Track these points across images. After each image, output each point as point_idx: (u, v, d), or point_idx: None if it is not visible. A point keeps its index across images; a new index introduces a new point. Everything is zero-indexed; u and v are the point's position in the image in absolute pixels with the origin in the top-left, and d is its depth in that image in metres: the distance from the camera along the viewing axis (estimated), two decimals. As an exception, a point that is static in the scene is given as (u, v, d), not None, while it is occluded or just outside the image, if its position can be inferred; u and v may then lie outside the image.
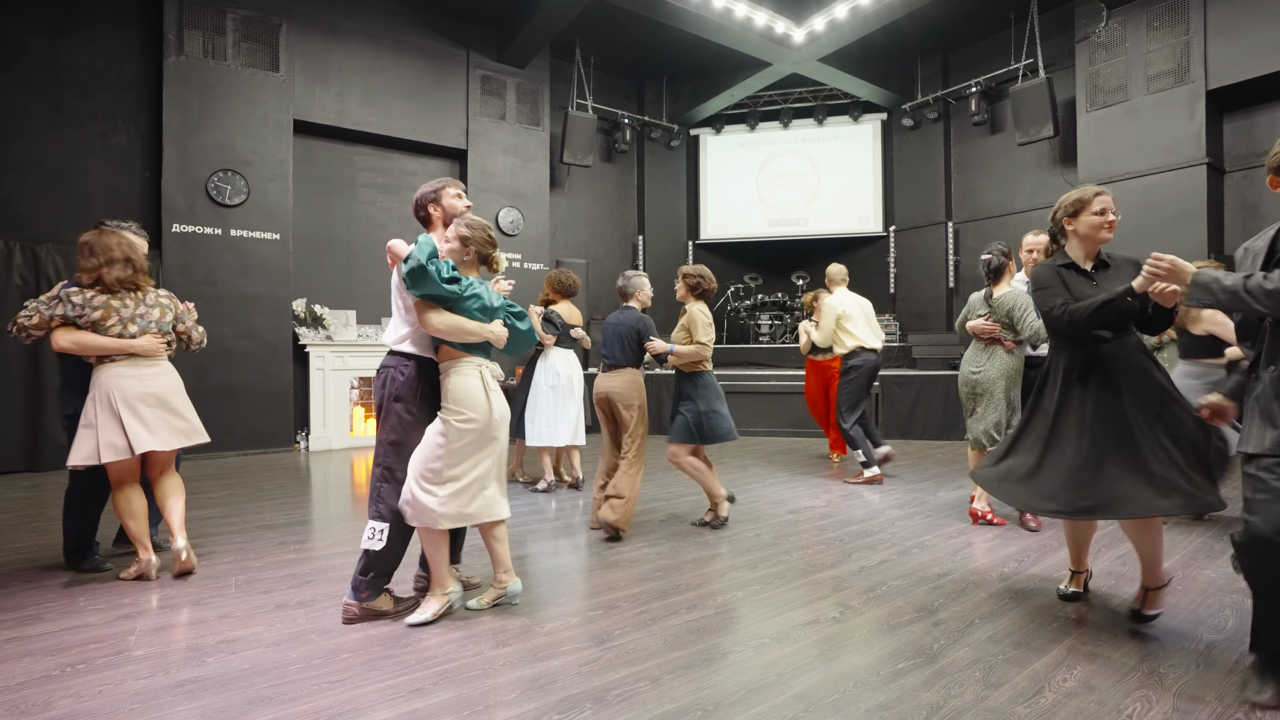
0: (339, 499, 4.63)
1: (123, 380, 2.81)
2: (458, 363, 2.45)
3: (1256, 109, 6.49)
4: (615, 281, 3.95)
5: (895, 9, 7.11)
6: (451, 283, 2.35)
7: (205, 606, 2.60)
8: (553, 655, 2.17)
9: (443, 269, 2.34)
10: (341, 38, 7.09)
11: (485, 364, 2.50)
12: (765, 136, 10.36)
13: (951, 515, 3.98)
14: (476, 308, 2.43)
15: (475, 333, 2.41)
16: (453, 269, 2.39)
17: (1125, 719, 1.79)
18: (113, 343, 2.81)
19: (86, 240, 2.86)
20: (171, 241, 6.11)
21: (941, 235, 9.31)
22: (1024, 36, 7.92)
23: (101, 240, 2.86)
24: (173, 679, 2.01)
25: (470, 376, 2.43)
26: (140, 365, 2.88)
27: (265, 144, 6.58)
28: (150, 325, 2.92)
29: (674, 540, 3.51)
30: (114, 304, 2.82)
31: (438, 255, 2.36)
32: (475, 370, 2.45)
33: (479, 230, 2.50)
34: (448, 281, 2.34)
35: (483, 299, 2.45)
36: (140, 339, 2.87)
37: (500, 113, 8.10)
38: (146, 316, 2.91)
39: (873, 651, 2.20)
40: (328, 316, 6.97)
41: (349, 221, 7.44)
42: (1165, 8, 6.57)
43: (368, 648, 2.22)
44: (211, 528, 3.77)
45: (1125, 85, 6.85)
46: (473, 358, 2.46)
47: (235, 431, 6.31)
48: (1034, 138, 7.69)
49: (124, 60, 6.19)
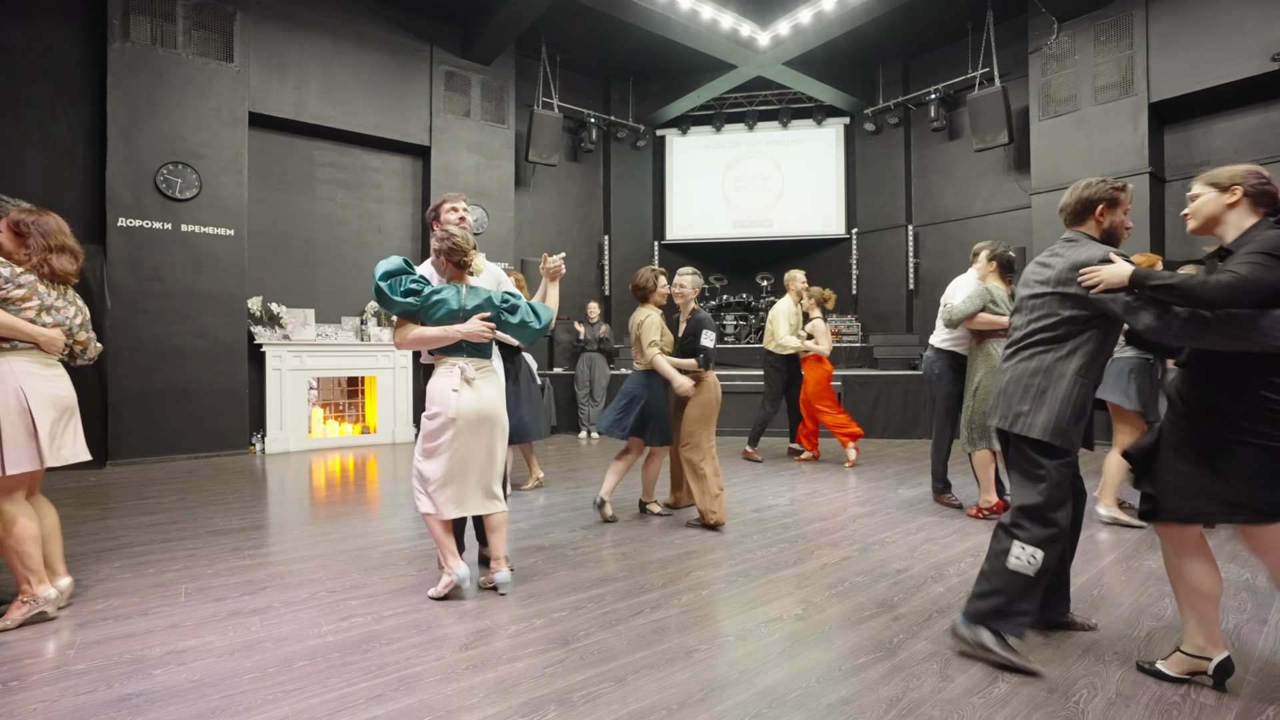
0: (296, 502, 4.50)
1: (33, 378, 2.43)
2: (439, 365, 2.66)
3: (1194, 122, 6.82)
4: (580, 281, 3.94)
5: (858, 15, 7.25)
6: (410, 295, 2.55)
7: (153, 616, 2.49)
8: (516, 658, 2.14)
9: (399, 285, 2.54)
10: (300, 29, 6.90)
11: (463, 363, 2.62)
12: (731, 138, 10.45)
13: (912, 511, 4.08)
14: (442, 313, 2.58)
15: (437, 338, 2.58)
16: (413, 281, 2.57)
17: (1073, 704, 1.86)
18: (25, 326, 2.40)
19: (25, 220, 2.49)
20: (117, 236, 5.84)
21: (902, 238, 9.53)
22: (981, 46, 8.17)
23: (44, 222, 2.52)
24: (115, 693, 1.92)
25: (442, 376, 2.61)
26: (44, 363, 2.51)
27: (219, 136, 6.35)
28: (64, 321, 2.56)
29: (639, 540, 3.51)
30: (40, 288, 2.48)
31: (401, 273, 2.57)
32: (449, 370, 2.60)
33: (445, 241, 2.64)
34: (405, 294, 2.54)
35: (449, 304, 2.59)
36: (51, 330, 2.50)
37: (465, 109, 7.98)
38: (64, 312, 2.57)
39: (834, 647, 2.24)
40: (285, 315, 6.77)
41: (307, 218, 7.24)
42: (1111, 23, 6.85)
43: (325, 655, 2.16)
44: (160, 534, 3.63)
45: (1075, 96, 7.12)
46: (449, 358, 2.63)
47: (187, 434, 6.08)
48: (990, 144, 7.94)
49: (64, 45, 5.90)
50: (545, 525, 3.83)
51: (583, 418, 7.72)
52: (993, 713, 1.82)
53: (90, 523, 3.86)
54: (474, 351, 2.66)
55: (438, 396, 2.58)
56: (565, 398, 7.88)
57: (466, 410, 2.57)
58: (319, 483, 5.15)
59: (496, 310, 2.68)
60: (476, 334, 2.59)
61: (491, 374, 2.71)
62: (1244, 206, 1.82)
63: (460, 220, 2.95)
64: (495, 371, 2.75)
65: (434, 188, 7.73)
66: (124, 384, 5.79)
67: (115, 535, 3.60)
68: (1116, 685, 1.96)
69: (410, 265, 2.64)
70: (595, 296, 9.72)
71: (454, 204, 3.00)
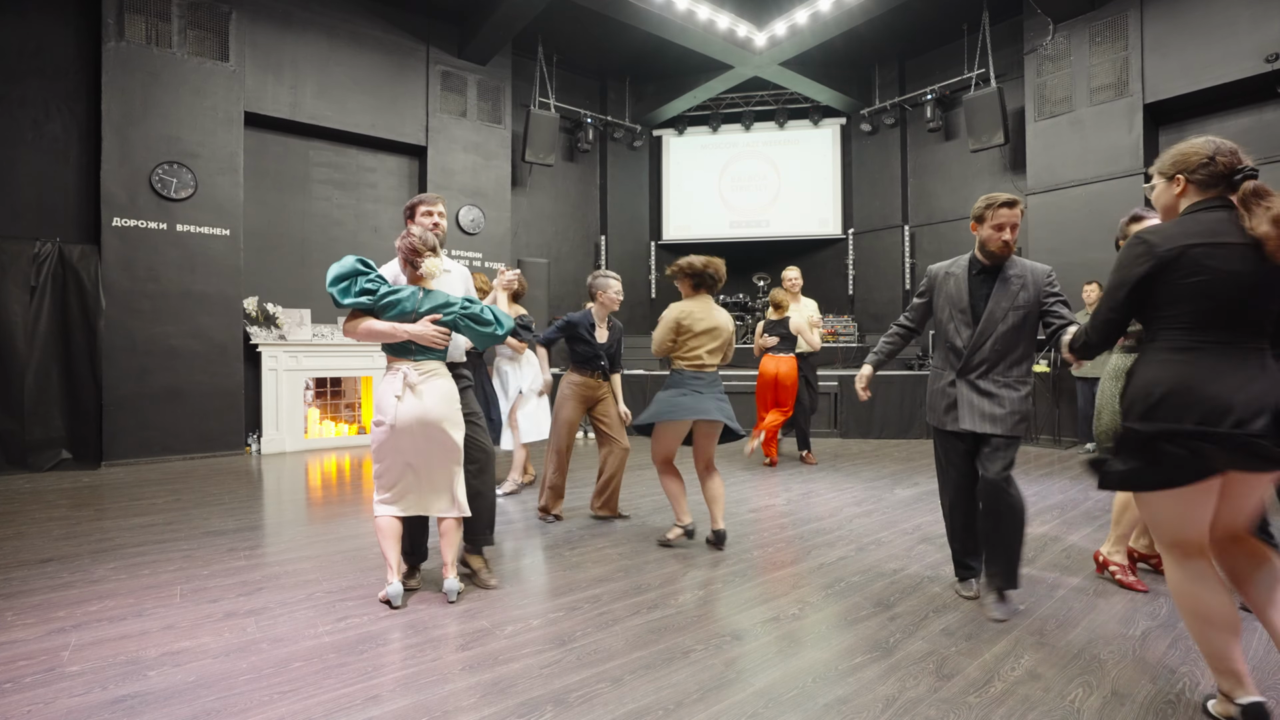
0: (292, 503, 4.49)
1: None
2: (388, 367, 2.64)
3: (1188, 122, 6.84)
4: (577, 283, 3.96)
5: (854, 16, 7.26)
6: (365, 294, 2.54)
7: (148, 618, 2.48)
8: (513, 659, 2.14)
9: (353, 287, 2.53)
10: (295, 28, 6.88)
11: (408, 367, 2.58)
12: (727, 139, 10.46)
13: (907, 512, 4.09)
14: (393, 314, 2.57)
15: (385, 334, 2.54)
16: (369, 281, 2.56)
17: (1069, 704, 1.86)
18: None
19: None
20: (112, 236, 5.81)
21: (898, 238, 9.55)
22: (976, 47, 8.19)
23: None
24: (110, 695, 1.91)
25: (387, 381, 2.59)
26: None
27: (214, 136, 6.32)
28: None
29: (635, 540, 3.51)
30: None
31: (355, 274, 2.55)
32: (394, 375, 2.59)
33: (403, 239, 2.61)
34: (360, 294, 2.54)
35: (402, 305, 2.57)
36: None
37: (461, 109, 7.97)
38: None
39: (831, 647, 2.24)
40: (280, 315, 6.75)
41: (303, 218, 7.22)
42: (1106, 24, 6.87)
43: (321, 655, 2.16)
44: (155, 535, 3.61)
45: (1070, 97, 7.14)
46: (398, 361, 2.61)
47: (181, 434, 6.06)
48: (986, 145, 7.95)
49: (58, 44, 5.87)
50: (541, 526, 3.83)
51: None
52: (989, 711, 1.82)
53: (85, 524, 3.84)
54: (422, 353, 2.60)
55: (381, 402, 2.57)
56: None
57: (406, 417, 2.52)
58: (315, 483, 5.13)
59: (454, 314, 2.61)
60: (425, 337, 2.54)
61: (440, 378, 2.62)
62: (1192, 193, 1.75)
63: (435, 226, 2.83)
64: (445, 375, 2.65)
65: (430, 188, 7.71)
66: (119, 384, 5.76)
67: (110, 536, 3.58)
68: (1112, 684, 1.97)
69: (368, 265, 2.58)
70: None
71: (429, 207, 2.86)
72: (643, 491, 4.68)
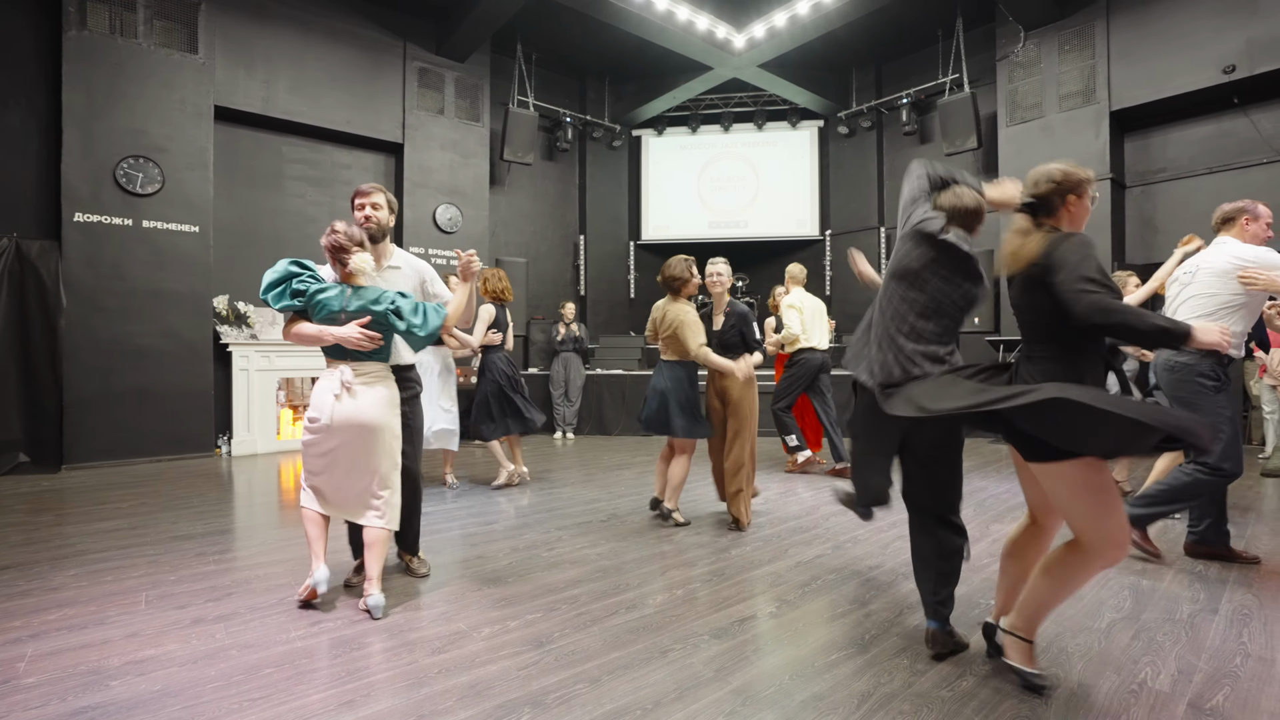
0: (264, 506, 4.40)
1: None
2: (327, 367, 2.60)
3: (1153, 130, 7.05)
4: (555, 281, 3.95)
5: (831, 19, 7.34)
6: (296, 296, 2.51)
7: (110, 625, 2.41)
8: (490, 661, 2.12)
9: (285, 293, 2.50)
10: (268, 21, 6.74)
11: (344, 368, 2.53)
12: (706, 139, 10.50)
13: (883, 510, 4.13)
14: (321, 316, 2.52)
15: (312, 338, 2.50)
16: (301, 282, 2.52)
17: (1038, 695, 1.90)
18: None
19: None
20: (73, 231, 5.63)
21: (874, 240, 9.68)
22: (951, 53, 8.33)
23: None
24: (69, 706, 1.85)
25: (325, 379, 2.56)
26: None
27: (182, 130, 6.17)
28: None
29: (614, 540, 3.50)
30: None
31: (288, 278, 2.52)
32: (329, 375, 2.55)
33: (327, 237, 2.52)
34: (293, 296, 2.51)
35: (329, 305, 2.51)
36: None
37: (439, 107, 7.89)
38: None
39: (807, 644, 2.26)
40: (252, 314, 6.61)
41: (276, 215, 7.08)
42: (1075, 33, 7.04)
43: (294, 661, 2.12)
44: (120, 540, 3.51)
45: (1040, 103, 7.31)
46: (335, 362, 2.57)
47: (149, 436, 5.90)
48: (959, 149, 8.10)
49: (16, 33, 5.67)
50: (519, 526, 3.80)
51: (558, 418, 7.68)
52: (961, 705, 1.85)
53: (44, 529, 3.72)
54: (360, 355, 2.52)
55: (316, 400, 2.53)
56: (541, 398, 7.83)
57: (340, 418, 2.48)
58: (288, 485, 5.03)
59: (382, 314, 2.49)
60: (350, 341, 2.45)
61: (378, 380, 2.56)
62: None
63: (366, 220, 2.66)
64: (383, 378, 2.58)
65: (407, 185, 7.62)
66: (82, 384, 5.59)
67: (71, 542, 3.47)
68: (1079, 675, 2.01)
69: (303, 265, 2.54)
70: (571, 296, 9.68)
71: (362, 199, 2.68)
72: (620, 491, 4.67)
